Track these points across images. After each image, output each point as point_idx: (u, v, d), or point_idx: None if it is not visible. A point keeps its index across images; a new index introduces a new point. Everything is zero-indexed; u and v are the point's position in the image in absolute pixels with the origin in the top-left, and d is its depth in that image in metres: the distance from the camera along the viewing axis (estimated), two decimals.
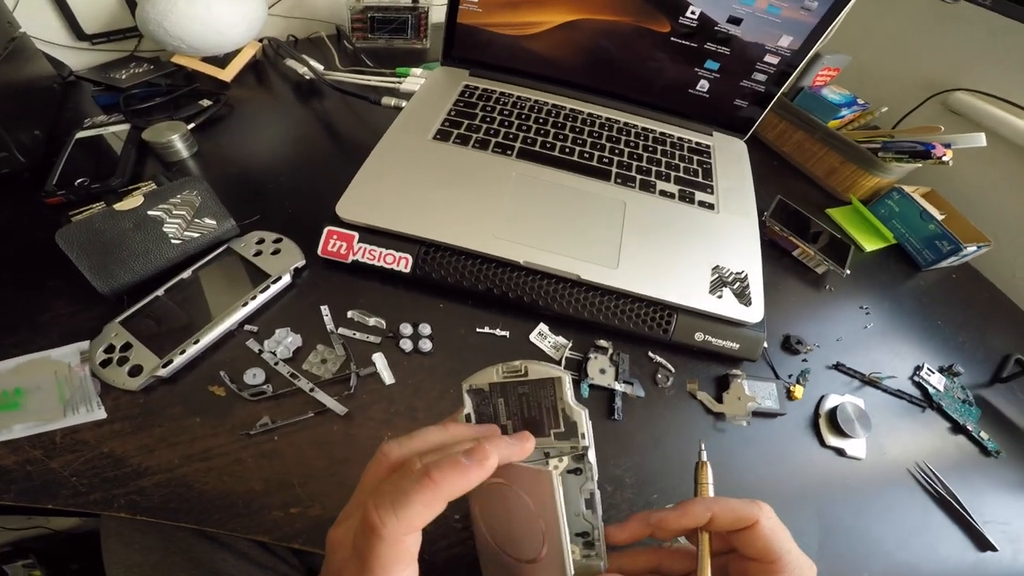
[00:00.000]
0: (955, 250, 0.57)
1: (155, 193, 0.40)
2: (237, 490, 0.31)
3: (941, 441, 0.44)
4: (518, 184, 0.45)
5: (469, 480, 0.21)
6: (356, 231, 0.40)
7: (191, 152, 0.48)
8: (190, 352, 0.35)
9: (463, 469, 0.21)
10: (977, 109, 0.65)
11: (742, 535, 0.23)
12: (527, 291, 0.40)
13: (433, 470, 0.20)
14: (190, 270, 0.39)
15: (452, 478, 0.20)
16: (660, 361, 0.41)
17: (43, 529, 0.71)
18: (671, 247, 0.43)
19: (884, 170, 0.62)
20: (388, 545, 0.20)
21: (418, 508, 0.20)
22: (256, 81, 0.59)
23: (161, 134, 0.47)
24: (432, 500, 0.20)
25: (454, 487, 0.20)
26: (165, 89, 0.56)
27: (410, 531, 0.20)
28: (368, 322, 0.38)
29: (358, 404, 0.35)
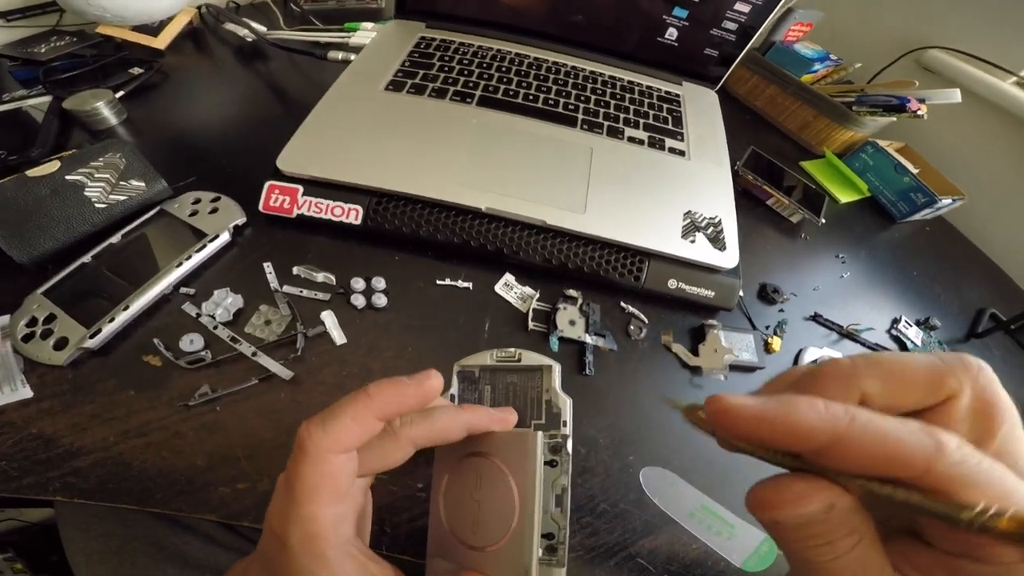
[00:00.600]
0: (930, 202, 0.57)
1: (73, 158, 0.37)
2: (179, 466, 0.28)
3: None
4: (479, 131, 0.42)
5: (404, 396, 0.20)
6: (300, 184, 0.37)
7: (120, 119, 0.45)
8: (120, 320, 0.32)
9: (400, 384, 0.20)
10: (951, 67, 0.65)
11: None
12: (490, 239, 0.37)
13: (370, 386, 0.19)
14: (119, 234, 0.36)
15: (387, 392, 0.19)
16: (632, 311, 0.39)
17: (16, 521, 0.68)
18: (641, 192, 0.41)
19: (858, 124, 0.61)
20: (312, 463, 0.19)
21: (346, 421, 0.19)
22: (195, 48, 0.55)
23: (84, 102, 0.44)
24: (363, 414, 0.19)
25: (387, 401, 0.19)
26: (90, 59, 0.52)
27: (338, 447, 0.19)
28: (316, 278, 0.35)
29: (306, 368, 0.32)
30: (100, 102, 0.43)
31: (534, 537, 0.20)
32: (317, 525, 0.19)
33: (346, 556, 0.20)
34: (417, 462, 0.23)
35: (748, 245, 0.47)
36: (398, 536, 0.28)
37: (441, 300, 0.36)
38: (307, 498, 0.19)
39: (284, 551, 0.20)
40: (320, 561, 0.19)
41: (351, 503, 0.21)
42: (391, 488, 0.29)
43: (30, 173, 0.35)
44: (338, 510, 0.20)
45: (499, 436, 0.23)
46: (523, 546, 0.20)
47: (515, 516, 0.21)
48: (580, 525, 0.30)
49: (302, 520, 0.19)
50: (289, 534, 0.19)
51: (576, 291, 0.38)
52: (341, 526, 0.20)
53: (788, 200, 0.51)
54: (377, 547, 0.27)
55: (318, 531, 0.19)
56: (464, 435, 0.23)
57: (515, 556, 0.20)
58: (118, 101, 0.45)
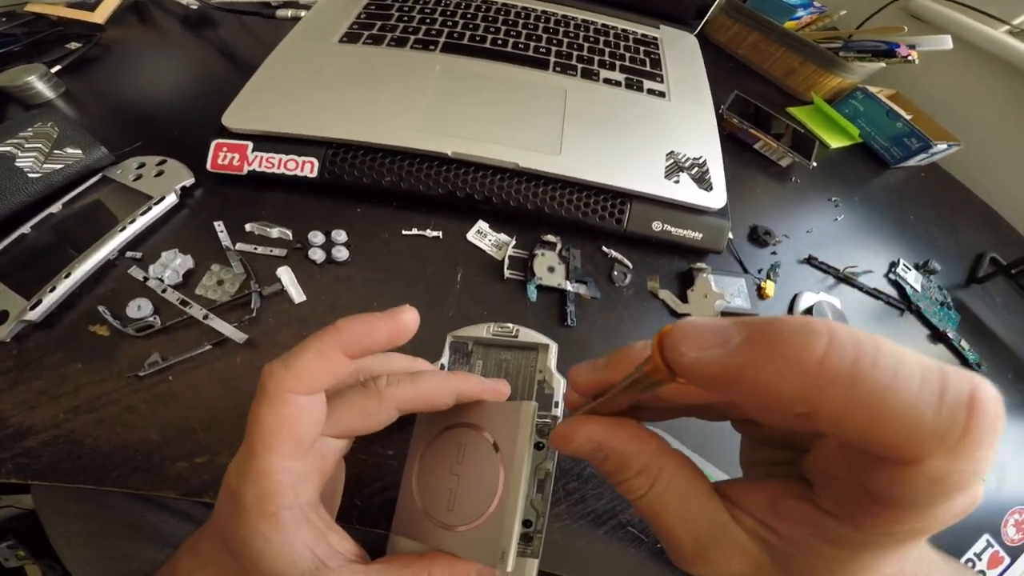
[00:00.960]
0: (924, 147, 0.55)
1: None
2: (133, 442, 0.26)
3: (921, 350, 0.39)
4: (443, 77, 0.39)
5: (375, 330, 0.18)
6: (249, 140, 0.35)
7: (58, 92, 0.43)
8: (62, 288, 0.29)
9: (371, 317, 0.18)
10: (939, 14, 0.63)
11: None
12: (459, 185, 0.35)
13: (339, 320, 0.17)
14: (59, 203, 0.34)
15: (356, 325, 0.17)
16: (616, 256, 0.37)
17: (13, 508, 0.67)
18: (620, 133, 0.39)
19: (846, 70, 0.59)
20: (271, 403, 0.17)
21: (310, 356, 0.17)
22: (138, 20, 0.52)
23: (15, 77, 0.41)
24: (328, 348, 0.17)
25: (355, 335, 0.17)
26: (22, 36, 0.49)
27: (300, 385, 0.17)
28: (271, 234, 0.33)
29: (263, 330, 0.30)
30: (32, 76, 0.41)
31: (516, 519, 0.18)
32: (272, 481, 0.17)
33: (303, 521, 0.18)
34: (388, 427, 0.21)
35: (736, 188, 0.45)
36: (369, 508, 0.26)
37: (408, 251, 0.34)
38: (264, 446, 0.17)
39: (236, 511, 0.17)
40: (272, 523, 0.17)
41: (316, 462, 0.19)
42: (360, 456, 0.27)
43: None
44: (298, 466, 0.18)
45: (489, 406, 0.21)
46: (502, 527, 0.18)
47: (497, 494, 0.19)
48: (566, 491, 0.28)
49: (257, 475, 0.17)
50: (244, 491, 0.17)
51: (555, 236, 0.35)
52: (301, 486, 0.18)
53: (777, 144, 0.49)
54: (347, 520, 0.25)
55: (273, 488, 0.17)
56: (452, 402, 0.21)
57: (491, 538, 0.18)
58: (53, 75, 0.42)
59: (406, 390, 0.20)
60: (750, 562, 0.14)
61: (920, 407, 0.10)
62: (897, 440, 0.10)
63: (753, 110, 0.52)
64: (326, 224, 0.34)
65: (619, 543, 0.27)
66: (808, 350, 0.10)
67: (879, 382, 0.10)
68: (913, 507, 0.11)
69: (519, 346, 0.29)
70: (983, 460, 0.10)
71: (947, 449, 0.10)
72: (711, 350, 0.11)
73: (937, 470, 0.10)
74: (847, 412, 0.10)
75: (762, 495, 0.15)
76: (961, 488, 0.10)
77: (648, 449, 0.15)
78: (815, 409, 0.10)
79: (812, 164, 0.49)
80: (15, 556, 0.67)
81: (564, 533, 0.27)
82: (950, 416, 0.10)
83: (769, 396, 0.11)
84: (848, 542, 0.12)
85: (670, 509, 0.15)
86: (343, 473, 0.24)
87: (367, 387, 0.20)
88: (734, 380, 0.11)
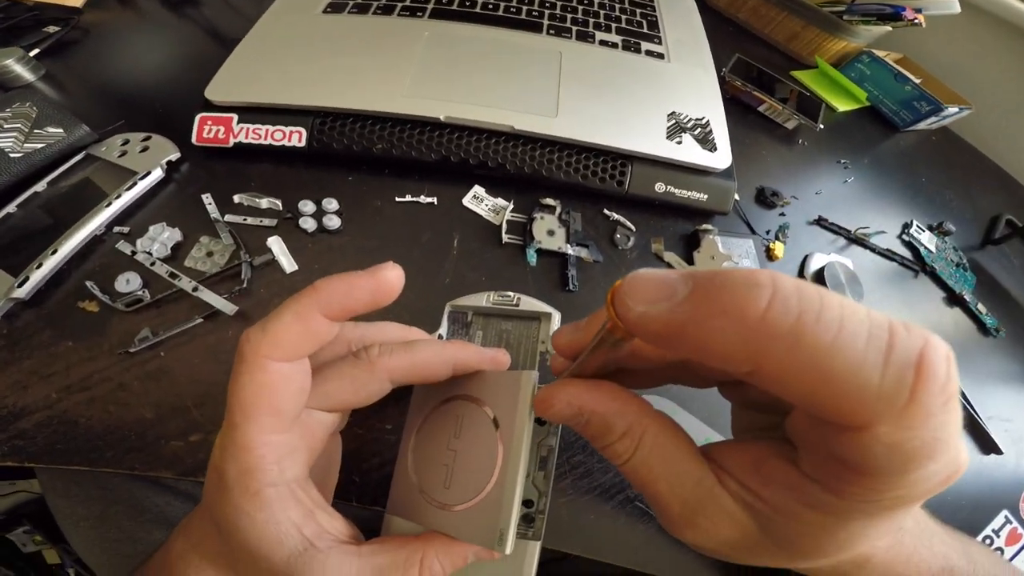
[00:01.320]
0: (935, 110, 0.54)
1: None
2: (127, 420, 0.26)
3: (937, 314, 0.40)
4: (432, 42, 0.38)
5: (354, 288, 0.16)
6: (234, 112, 0.34)
7: (37, 75, 0.42)
8: (49, 265, 0.29)
9: (350, 276, 0.16)
10: None
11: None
12: (453, 150, 0.34)
13: (318, 280, 0.16)
14: (44, 181, 0.33)
15: (335, 284, 0.16)
16: (618, 219, 0.35)
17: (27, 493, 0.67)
18: (618, 94, 0.38)
19: (851, 34, 0.57)
20: (249, 370, 0.16)
21: (287, 319, 0.16)
22: (117, 2, 0.52)
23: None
24: (306, 309, 0.16)
25: (334, 294, 0.16)
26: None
27: (277, 350, 0.16)
28: (260, 204, 0.32)
29: (255, 301, 0.29)
30: (9, 59, 0.40)
31: (515, 496, 0.17)
32: (254, 456, 0.16)
33: (289, 499, 0.17)
34: (385, 400, 0.20)
35: (741, 151, 0.43)
36: (368, 484, 0.25)
37: (402, 218, 0.33)
38: (243, 416, 0.16)
39: (220, 488, 0.16)
40: (256, 501, 0.16)
41: (304, 437, 0.18)
42: (357, 431, 0.26)
43: None
44: (281, 439, 0.17)
45: (488, 377, 0.20)
46: (501, 506, 0.17)
47: (495, 471, 0.18)
48: (571, 465, 0.27)
49: (238, 449, 0.16)
50: (226, 467, 0.16)
51: (554, 200, 0.34)
52: (286, 461, 0.17)
53: (782, 106, 0.47)
54: (346, 498, 0.24)
55: (255, 464, 0.16)
56: (449, 374, 0.20)
57: (490, 517, 0.17)
58: (32, 58, 0.42)
59: (399, 359, 0.19)
60: (737, 528, 0.13)
61: (865, 368, 0.09)
62: (842, 404, 0.09)
63: (756, 73, 0.51)
64: (316, 194, 0.33)
65: (627, 518, 0.26)
66: (750, 304, 0.09)
67: (822, 339, 0.09)
68: (884, 474, 0.10)
69: (520, 315, 0.28)
70: (942, 426, 0.09)
71: (895, 415, 0.09)
72: (657, 304, 0.10)
73: (889, 436, 0.09)
74: (790, 372, 0.09)
75: (746, 457, 0.14)
76: (927, 456, 0.09)
77: (630, 410, 0.15)
78: (758, 367, 0.10)
79: (819, 126, 0.47)
80: (32, 541, 0.67)
81: (570, 508, 0.26)
82: (896, 378, 0.09)
83: (712, 354, 0.10)
84: (832, 509, 0.11)
85: (656, 472, 0.14)
86: (339, 450, 0.23)
87: (358, 357, 0.19)
88: (678, 336, 0.10)
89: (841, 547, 0.12)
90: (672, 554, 0.26)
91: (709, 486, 0.14)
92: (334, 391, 0.19)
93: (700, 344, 0.10)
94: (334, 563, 0.16)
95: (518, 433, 0.18)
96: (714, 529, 0.13)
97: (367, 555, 0.17)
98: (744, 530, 0.13)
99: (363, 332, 0.22)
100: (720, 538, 0.14)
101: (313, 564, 0.16)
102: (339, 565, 0.16)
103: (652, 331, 0.11)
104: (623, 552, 0.25)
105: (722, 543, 0.14)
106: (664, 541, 0.26)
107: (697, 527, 0.14)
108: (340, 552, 0.17)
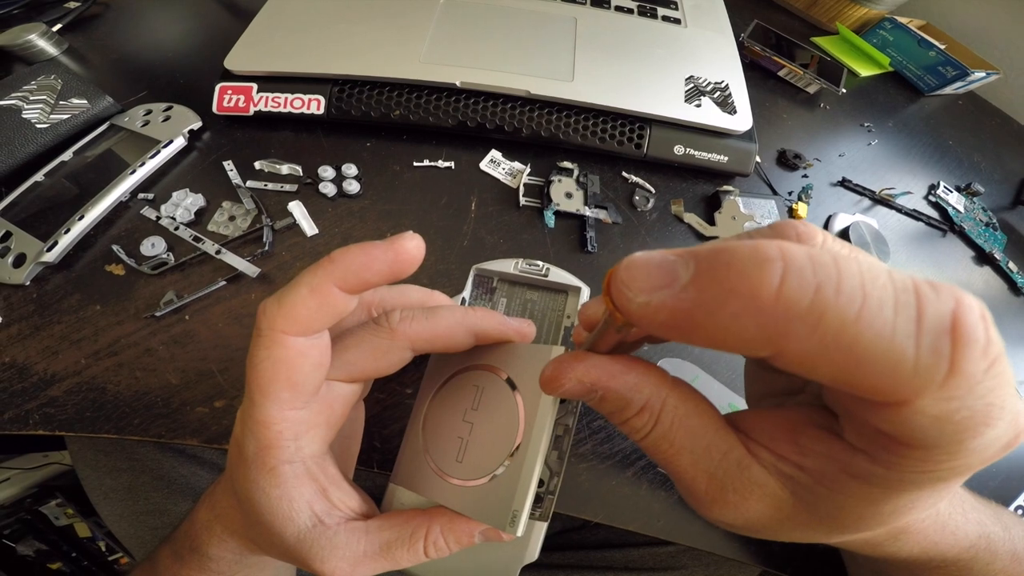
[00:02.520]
0: (961, 75, 0.52)
1: (2, 84, 0.35)
2: (153, 387, 0.26)
3: (966, 272, 0.39)
4: (448, 8, 0.38)
5: (371, 259, 0.15)
6: (254, 82, 0.34)
7: (60, 50, 0.43)
8: (77, 230, 0.30)
9: (367, 246, 0.16)
10: None
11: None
12: (469, 115, 0.34)
13: (334, 251, 0.16)
14: (70, 151, 0.34)
15: (351, 254, 0.15)
16: (637, 181, 0.35)
17: (59, 465, 0.68)
18: (634, 59, 0.37)
19: (872, 0, 0.56)
20: (266, 345, 0.15)
21: (303, 292, 0.15)
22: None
23: (16, 36, 0.42)
24: (321, 281, 0.15)
25: (350, 265, 0.15)
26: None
27: (294, 324, 0.15)
28: (281, 170, 0.32)
29: (277, 264, 0.30)
30: (33, 34, 0.42)
31: (533, 477, 0.16)
32: (272, 433, 0.16)
33: (304, 476, 0.17)
34: (406, 366, 0.20)
35: (762, 114, 0.43)
36: (389, 450, 0.25)
37: (420, 182, 0.33)
38: (261, 393, 0.16)
39: (240, 462, 0.17)
40: (272, 477, 0.16)
41: (322, 411, 0.18)
42: (378, 395, 0.26)
43: None
44: (300, 415, 0.17)
45: (513, 348, 0.19)
46: (517, 486, 0.16)
47: (513, 448, 0.17)
48: (591, 430, 0.26)
49: (256, 425, 0.16)
50: (245, 442, 0.16)
51: (571, 162, 0.34)
52: (304, 438, 0.17)
53: (803, 71, 0.46)
54: (367, 465, 0.24)
55: (273, 441, 0.16)
56: (471, 343, 0.20)
57: (503, 498, 0.16)
58: (55, 33, 0.43)
59: (421, 327, 0.18)
60: (770, 502, 0.12)
61: (897, 342, 0.08)
62: (877, 383, 0.08)
63: (775, 39, 0.50)
64: (336, 160, 0.33)
65: (648, 486, 0.25)
66: (762, 283, 0.08)
67: (847, 314, 0.08)
68: (935, 446, 0.09)
69: (548, 287, 0.27)
70: (991, 391, 0.08)
71: (937, 387, 0.08)
72: (659, 292, 0.09)
73: (934, 408, 0.08)
74: (816, 354, 0.09)
75: (781, 426, 0.13)
76: (982, 423, 0.09)
77: (647, 382, 0.13)
78: (780, 351, 0.09)
79: (841, 90, 0.46)
80: (64, 514, 0.69)
81: (589, 474, 0.25)
82: (932, 349, 0.08)
83: (727, 342, 0.09)
84: (880, 481, 0.11)
85: (678, 446, 0.13)
86: (361, 419, 0.23)
87: (379, 324, 0.19)
88: (687, 326, 0.09)
89: (884, 520, 0.11)
90: (695, 523, 0.25)
91: (738, 458, 0.13)
92: (355, 360, 0.18)
93: (713, 333, 0.09)
94: (341, 539, 0.17)
95: (543, 411, 0.17)
96: (744, 504, 0.13)
97: (374, 531, 0.17)
98: (777, 504, 0.12)
99: (384, 295, 0.21)
100: (751, 513, 0.13)
101: (321, 540, 0.16)
102: (346, 542, 0.17)
103: (658, 322, 0.10)
104: (645, 519, 0.25)
105: (753, 518, 0.13)
106: (687, 509, 0.25)
107: (726, 503, 0.13)
108: (348, 529, 0.17)
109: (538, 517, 0.18)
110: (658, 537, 0.25)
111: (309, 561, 0.16)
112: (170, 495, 0.35)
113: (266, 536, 0.17)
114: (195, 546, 0.21)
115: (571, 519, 0.40)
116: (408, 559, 0.17)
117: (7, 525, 0.67)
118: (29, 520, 0.68)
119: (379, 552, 0.17)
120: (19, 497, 0.67)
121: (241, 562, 0.21)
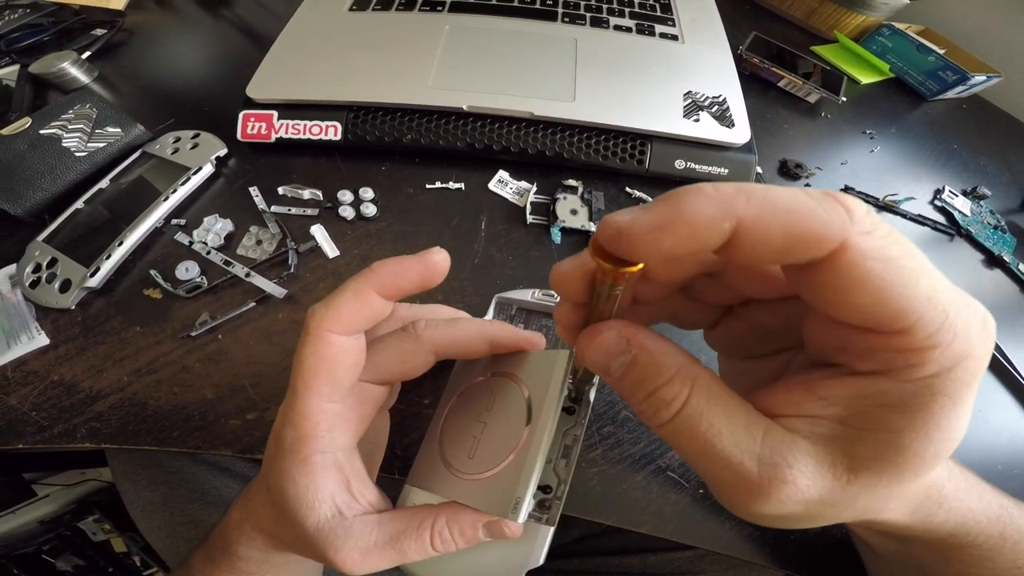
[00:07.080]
0: (962, 80, 0.54)
1: (43, 113, 0.38)
2: (190, 401, 0.29)
3: (975, 275, 0.40)
4: (452, 35, 0.41)
5: (406, 269, 0.19)
6: (274, 110, 0.37)
7: (92, 77, 0.46)
8: (117, 255, 0.33)
9: (402, 259, 0.19)
10: None
11: (816, 277, 0.11)
12: (477, 137, 0.37)
13: (375, 263, 0.19)
14: (107, 179, 0.37)
15: (388, 265, 0.19)
16: (640, 196, 0.38)
17: (96, 482, 0.71)
18: (634, 77, 0.40)
19: (870, 7, 0.58)
20: (312, 342, 0.18)
21: (347, 296, 0.18)
22: (155, 3, 0.56)
23: (50, 64, 0.45)
24: (363, 288, 0.18)
25: (388, 274, 0.19)
26: (49, 26, 0.53)
27: (338, 324, 0.18)
28: (303, 195, 0.35)
29: (302, 285, 0.32)
30: (65, 63, 0.45)
31: (536, 467, 0.17)
32: (310, 423, 0.18)
33: (331, 467, 0.19)
34: (425, 376, 0.22)
35: (763, 125, 0.45)
36: (409, 458, 0.26)
37: (433, 204, 0.36)
38: (305, 386, 0.18)
39: (277, 452, 0.19)
40: (303, 466, 0.18)
41: (355, 407, 0.20)
42: (399, 406, 0.28)
43: (3, 131, 0.37)
44: (335, 408, 0.19)
45: (525, 355, 0.22)
46: (519, 476, 0.17)
47: (520, 443, 0.18)
48: (601, 435, 0.28)
49: (297, 415, 0.18)
50: (284, 432, 0.19)
51: (576, 180, 0.37)
52: (336, 431, 0.19)
53: (802, 80, 0.48)
54: (388, 471, 0.26)
55: (310, 431, 0.18)
56: (487, 350, 0.22)
57: (507, 488, 0.17)
58: (85, 61, 0.46)
59: (442, 333, 0.21)
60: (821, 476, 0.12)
61: (808, 205, 0.10)
62: (811, 227, 0.10)
63: (775, 50, 0.52)
64: (354, 183, 0.36)
65: (659, 489, 0.26)
66: (707, 184, 0.11)
67: (766, 188, 0.11)
68: (905, 310, 0.11)
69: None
70: (891, 233, 0.11)
71: (849, 225, 0.10)
72: (634, 214, 0.11)
73: (865, 244, 0.10)
74: (758, 217, 0.10)
75: (796, 390, 0.13)
76: (909, 265, 0.11)
77: (678, 351, 0.13)
78: (736, 225, 0.10)
79: (841, 99, 0.48)
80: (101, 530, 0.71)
81: (600, 479, 0.26)
82: (830, 204, 0.11)
83: (697, 230, 0.10)
84: (910, 398, 0.11)
85: (717, 427, 0.12)
86: (386, 429, 0.25)
87: (405, 330, 0.21)
88: (668, 226, 0.11)
89: (931, 439, 0.11)
90: (708, 525, 0.26)
91: (780, 435, 0.12)
92: (384, 362, 0.21)
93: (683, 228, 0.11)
94: (356, 530, 0.18)
95: (548, 405, 0.18)
96: (794, 487, 0.12)
97: (385, 522, 0.19)
98: (833, 475, 0.12)
99: (416, 312, 0.24)
100: (803, 495, 0.12)
101: (338, 531, 0.18)
102: (360, 532, 0.18)
103: (642, 228, 0.11)
104: (656, 522, 0.26)
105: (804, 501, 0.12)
106: (699, 511, 0.26)
107: (785, 483, 0.12)
108: (363, 521, 0.19)
109: (545, 521, 0.18)
110: (670, 539, 0.25)
111: (324, 551, 0.18)
112: (204, 507, 0.37)
113: (289, 527, 0.19)
114: (226, 545, 0.23)
115: (589, 527, 0.41)
116: (415, 550, 0.19)
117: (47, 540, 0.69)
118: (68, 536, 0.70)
119: (388, 543, 0.19)
120: (58, 513, 0.69)
121: (268, 561, 0.22)
